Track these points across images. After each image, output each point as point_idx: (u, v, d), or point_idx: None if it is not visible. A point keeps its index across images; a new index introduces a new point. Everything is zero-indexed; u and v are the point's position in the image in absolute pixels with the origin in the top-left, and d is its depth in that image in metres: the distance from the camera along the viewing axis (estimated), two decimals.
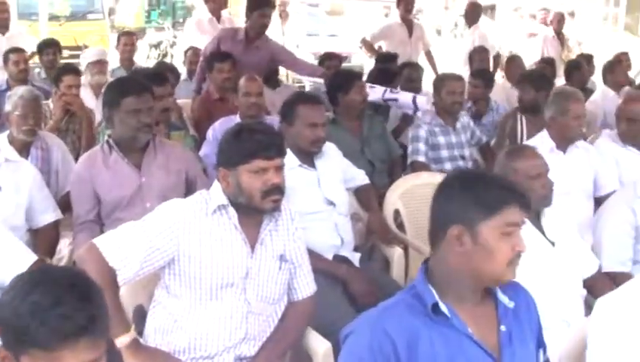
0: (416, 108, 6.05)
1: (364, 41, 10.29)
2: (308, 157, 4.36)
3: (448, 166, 5.85)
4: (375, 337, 2.31)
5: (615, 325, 2.55)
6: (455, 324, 2.36)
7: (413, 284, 2.47)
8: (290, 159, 4.17)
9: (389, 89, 6.39)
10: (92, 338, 1.83)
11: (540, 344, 2.53)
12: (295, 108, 4.36)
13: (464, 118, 6.32)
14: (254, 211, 3.23)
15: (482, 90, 7.50)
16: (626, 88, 7.71)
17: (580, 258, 3.80)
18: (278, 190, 3.21)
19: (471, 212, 2.35)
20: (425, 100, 5.88)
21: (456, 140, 6.05)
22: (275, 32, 11.01)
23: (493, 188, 2.40)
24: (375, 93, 6.18)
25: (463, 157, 6.01)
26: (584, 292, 3.71)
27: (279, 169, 3.23)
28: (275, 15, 10.25)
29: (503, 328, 2.41)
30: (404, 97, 6.05)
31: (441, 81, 6.25)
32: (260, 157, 3.15)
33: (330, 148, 4.55)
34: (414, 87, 7.41)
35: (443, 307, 2.36)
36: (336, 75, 6.30)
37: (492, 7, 24.01)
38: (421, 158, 5.87)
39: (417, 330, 2.32)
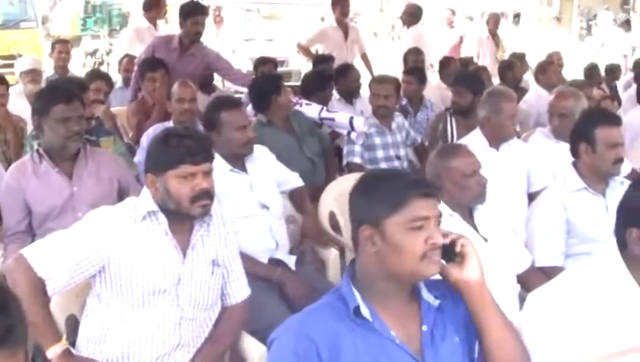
0: (352, 129, 6.03)
1: (299, 45, 10.30)
2: (239, 161, 4.35)
3: (384, 166, 5.89)
4: (299, 342, 2.29)
5: (545, 318, 2.57)
6: (377, 327, 2.34)
7: (339, 287, 2.47)
8: (221, 165, 4.18)
9: (325, 108, 6.34)
10: (9, 349, 1.79)
11: (473, 336, 2.49)
12: (219, 116, 4.34)
13: (399, 119, 6.37)
14: (184, 217, 3.19)
15: (416, 87, 7.59)
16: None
17: (513, 253, 3.84)
18: (207, 195, 3.18)
19: (375, 210, 2.35)
20: (362, 122, 5.89)
21: (392, 140, 6.09)
22: (210, 37, 10.96)
23: (394, 184, 2.39)
24: (311, 110, 6.15)
25: (398, 157, 6.05)
26: (518, 287, 3.75)
27: (208, 174, 3.20)
28: (210, 21, 10.22)
29: (424, 328, 2.40)
30: (341, 117, 6.03)
31: (371, 83, 6.38)
32: (188, 162, 3.12)
33: (261, 152, 4.54)
34: (352, 87, 7.44)
35: (364, 310, 2.34)
36: (267, 78, 6.30)
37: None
38: (357, 160, 5.90)
39: (340, 334, 2.31)
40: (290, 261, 4.35)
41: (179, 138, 3.17)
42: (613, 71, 10.15)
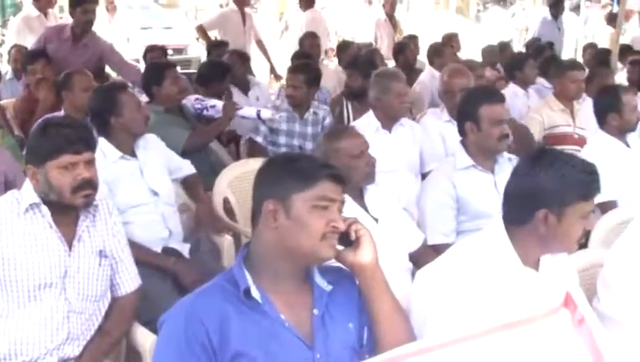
0: (262, 122, 6.00)
1: (199, 27, 10.23)
2: (129, 147, 4.28)
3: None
4: (189, 324, 2.27)
5: (432, 294, 2.62)
6: (267, 310, 2.34)
7: (231, 268, 2.46)
8: (111, 152, 4.16)
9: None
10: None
11: (365, 323, 2.51)
12: (117, 98, 4.26)
13: (321, 113, 6.27)
14: (67, 208, 3.13)
15: None
16: None
17: (404, 233, 3.88)
18: (89, 184, 3.12)
19: (285, 184, 2.36)
20: (270, 113, 5.85)
21: (299, 130, 6.06)
22: (104, 25, 10.76)
23: (307, 163, 2.42)
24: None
25: (301, 148, 6.00)
26: (410, 265, 3.79)
27: (89, 163, 3.14)
28: (103, 9, 10.04)
29: (315, 312, 2.40)
30: (249, 112, 5.97)
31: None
32: (68, 151, 3.05)
33: (151, 139, 4.48)
34: (244, 73, 7.41)
35: (255, 292, 2.33)
36: (148, 67, 6.24)
37: None
38: (259, 138, 5.91)
39: (229, 316, 2.29)
40: (184, 249, 4.31)
41: (57, 127, 3.10)
42: (505, 50, 10.29)
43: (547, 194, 2.63)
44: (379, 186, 3.96)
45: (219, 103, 5.86)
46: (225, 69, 7.08)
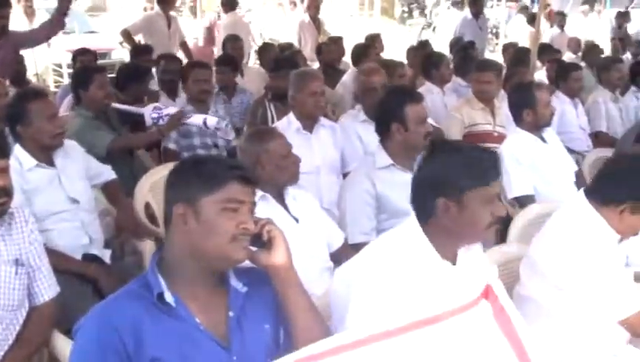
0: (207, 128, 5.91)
1: (123, 32, 10.12)
2: (46, 155, 4.20)
3: (201, 153, 5.83)
4: (102, 331, 2.26)
5: (351, 291, 2.64)
6: (181, 314, 2.34)
7: (144, 273, 2.44)
8: (27, 160, 4.08)
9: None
10: None
11: (280, 323, 2.53)
12: (26, 108, 4.15)
13: (221, 111, 6.32)
14: None
15: (229, 75, 7.60)
16: None
17: (325, 232, 3.91)
18: (3, 192, 3.07)
19: (194, 188, 2.35)
20: (215, 121, 5.79)
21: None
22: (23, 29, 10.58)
23: (215, 166, 2.41)
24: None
25: (216, 146, 6.00)
26: (331, 264, 3.82)
27: (3, 171, 3.09)
28: (21, 13, 9.88)
29: (231, 314, 2.41)
30: (196, 120, 5.88)
31: (186, 69, 6.36)
32: None
33: (70, 146, 4.41)
34: (171, 78, 7.36)
35: (168, 296, 2.33)
36: (76, 71, 6.17)
37: None
38: (171, 145, 5.85)
39: (143, 321, 2.28)
40: (105, 255, 4.27)
41: None
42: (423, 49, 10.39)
43: (443, 182, 2.68)
44: (300, 187, 3.99)
45: (172, 112, 5.75)
46: (143, 72, 7.00)
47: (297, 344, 2.42)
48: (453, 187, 2.66)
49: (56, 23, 6.89)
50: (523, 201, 4.81)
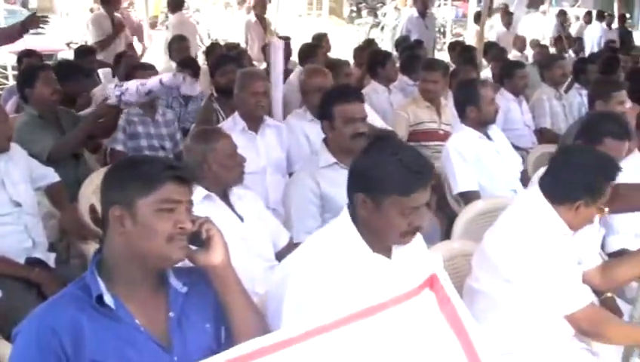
0: (169, 88, 5.59)
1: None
2: None
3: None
4: (42, 334, 2.24)
5: (288, 286, 2.65)
6: (121, 316, 2.32)
7: (83, 276, 2.42)
8: None
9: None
10: None
11: (221, 322, 2.53)
12: None
13: (169, 114, 6.25)
14: None
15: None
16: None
17: (270, 231, 3.92)
18: None
19: (129, 189, 2.34)
20: (170, 76, 5.60)
21: (155, 131, 5.98)
22: None
23: (150, 167, 2.39)
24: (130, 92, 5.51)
25: (163, 148, 5.97)
26: (276, 264, 3.81)
27: None
28: None
29: (171, 314, 2.41)
30: (153, 82, 5.69)
31: (130, 71, 6.29)
32: None
33: (13, 148, 4.35)
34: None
35: (108, 298, 2.31)
36: (22, 70, 6.08)
37: None
38: (119, 147, 5.78)
39: (82, 324, 2.27)
40: (50, 258, 4.21)
41: None
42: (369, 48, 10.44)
43: (366, 178, 2.72)
44: (245, 186, 3.99)
45: (131, 85, 5.43)
46: (75, 69, 6.87)
47: (237, 343, 2.42)
48: (374, 187, 2.70)
49: (16, 34, 6.68)
50: (468, 197, 4.85)
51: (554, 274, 3.11)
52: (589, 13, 18.23)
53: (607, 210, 3.33)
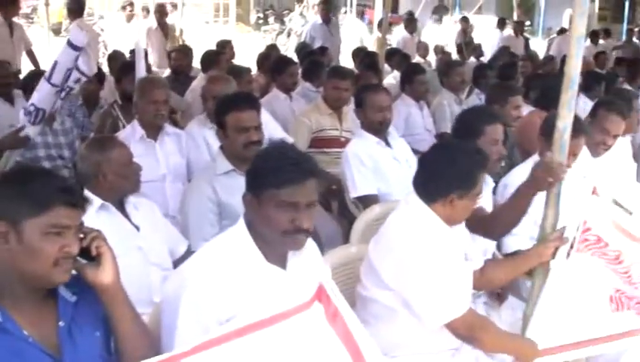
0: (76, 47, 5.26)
1: None
2: None
3: (47, 165, 5.69)
4: None
5: (179, 295, 2.65)
6: (8, 328, 2.28)
7: None
8: None
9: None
10: None
11: (111, 331, 2.50)
12: None
13: (67, 123, 6.15)
14: None
15: (93, 87, 7.48)
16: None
17: (167, 240, 3.91)
18: None
19: (17, 208, 2.28)
20: (77, 33, 5.36)
21: (53, 141, 5.88)
22: None
23: (42, 187, 2.32)
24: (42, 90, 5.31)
25: (62, 157, 5.87)
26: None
27: None
28: None
29: (61, 324, 2.37)
30: (65, 57, 5.19)
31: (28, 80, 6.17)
32: None
33: None
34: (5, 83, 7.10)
35: None
36: None
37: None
38: (17, 158, 5.66)
39: None
40: None
41: None
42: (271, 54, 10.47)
43: (250, 177, 2.79)
44: (144, 195, 3.97)
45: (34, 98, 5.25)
46: None
47: (123, 357, 2.45)
48: (255, 183, 2.77)
49: None
50: (366, 201, 4.90)
51: (431, 283, 3.12)
52: (493, 20, 18.64)
53: (480, 196, 3.39)
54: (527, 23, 24.01)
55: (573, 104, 3.25)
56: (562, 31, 17.62)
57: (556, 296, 3.33)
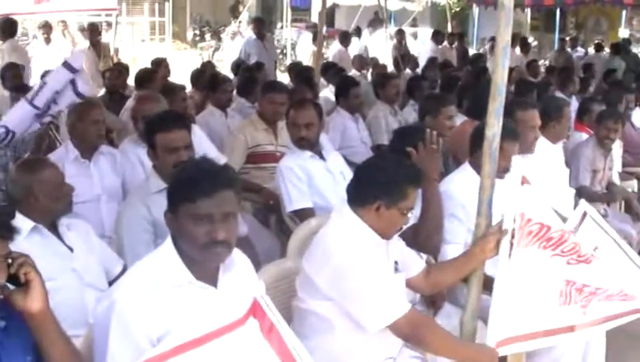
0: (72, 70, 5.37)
1: None
2: None
3: None
4: None
5: (109, 316, 2.62)
6: None
7: None
8: None
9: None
10: None
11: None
12: None
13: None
14: None
15: None
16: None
17: (102, 260, 3.88)
18: None
19: None
20: (78, 55, 5.32)
21: None
22: None
23: None
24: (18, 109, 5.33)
25: None
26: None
27: None
28: None
29: None
30: (56, 78, 5.28)
31: None
32: None
33: None
34: None
35: None
36: None
37: None
38: None
39: None
40: None
41: None
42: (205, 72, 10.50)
43: (168, 194, 2.84)
44: (77, 216, 3.93)
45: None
46: None
47: None
48: (172, 200, 2.79)
49: None
50: (302, 215, 4.91)
51: (369, 287, 3.14)
52: (430, 33, 18.87)
53: (410, 215, 3.40)
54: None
55: (501, 112, 3.29)
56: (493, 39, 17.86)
57: (507, 293, 3.30)
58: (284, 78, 12.31)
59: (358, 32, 18.78)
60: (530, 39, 21.17)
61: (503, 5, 3.21)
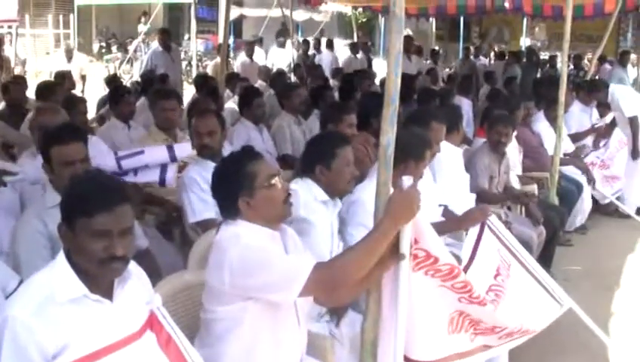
0: (172, 160, 5.40)
1: None
2: None
3: None
4: None
5: (5, 331, 2.59)
6: None
7: None
8: None
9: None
10: None
11: None
12: None
13: None
14: None
15: None
16: None
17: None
18: None
19: None
20: (187, 147, 5.34)
21: None
22: None
23: None
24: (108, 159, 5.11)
25: None
26: None
27: None
28: None
29: None
30: (153, 152, 5.30)
31: None
32: None
33: None
34: None
35: None
36: None
37: None
38: None
39: None
40: None
41: None
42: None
43: (62, 207, 2.80)
44: None
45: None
46: None
47: None
48: (67, 213, 2.75)
49: None
50: (206, 226, 4.90)
51: (270, 261, 3.14)
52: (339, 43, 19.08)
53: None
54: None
55: (395, 119, 3.29)
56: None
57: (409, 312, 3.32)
58: (191, 89, 12.26)
59: (261, 42, 18.80)
60: (436, 48, 21.57)
61: (394, 14, 3.22)
